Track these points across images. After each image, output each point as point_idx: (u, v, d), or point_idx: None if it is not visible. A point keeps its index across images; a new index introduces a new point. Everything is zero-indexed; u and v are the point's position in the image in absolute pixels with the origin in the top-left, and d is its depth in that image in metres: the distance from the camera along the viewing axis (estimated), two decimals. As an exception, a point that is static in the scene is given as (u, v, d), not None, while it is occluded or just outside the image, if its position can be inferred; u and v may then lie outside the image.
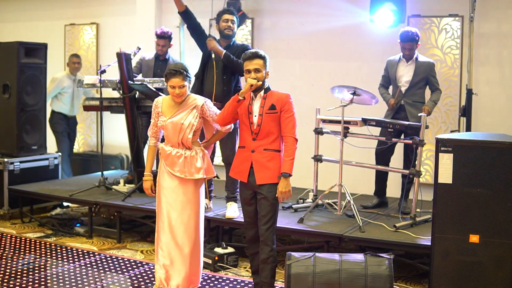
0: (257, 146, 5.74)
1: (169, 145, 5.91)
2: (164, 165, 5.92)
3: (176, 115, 5.86)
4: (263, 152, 5.72)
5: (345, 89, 7.40)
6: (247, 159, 5.78)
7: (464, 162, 5.65)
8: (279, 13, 10.07)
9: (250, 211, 5.89)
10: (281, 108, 5.68)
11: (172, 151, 5.87)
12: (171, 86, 5.79)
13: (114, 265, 7.27)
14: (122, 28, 11.46)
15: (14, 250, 7.78)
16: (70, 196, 8.63)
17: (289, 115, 5.68)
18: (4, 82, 9.55)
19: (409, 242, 6.55)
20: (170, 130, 5.85)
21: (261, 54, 5.71)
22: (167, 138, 5.92)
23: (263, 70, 5.70)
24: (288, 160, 5.64)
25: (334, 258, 5.88)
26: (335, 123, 7.65)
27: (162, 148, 5.93)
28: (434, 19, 8.98)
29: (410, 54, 7.78)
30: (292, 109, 5.72)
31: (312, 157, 8.01)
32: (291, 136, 5.68)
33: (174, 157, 5.86)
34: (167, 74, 5.80)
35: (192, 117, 5.87)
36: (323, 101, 8.44)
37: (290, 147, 5.66)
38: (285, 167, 5.64)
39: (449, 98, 8.89)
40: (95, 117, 11.79)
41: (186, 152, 5.88)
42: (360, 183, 8.84)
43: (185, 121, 5.83)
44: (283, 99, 5.71)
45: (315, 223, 7.23)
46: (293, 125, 5.70)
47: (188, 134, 5.84)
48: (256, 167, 5.73)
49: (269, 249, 5.72)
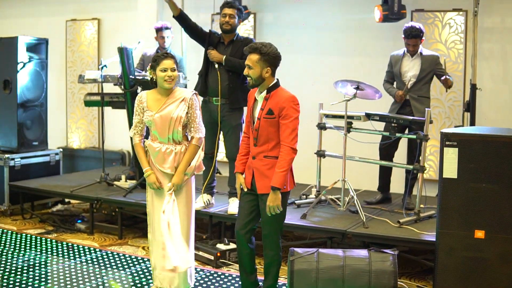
0: (257, 152, 5.45)
1: (157, 141, 5.70)
2: (153, 163, 5.73)
3: (164, 109, 5.64)
4: (263, 159, 5.42)
5: (349, 84, 7.32)
6: (250, 165, 5.56)
7: (469, 157, 5.60)
8: (282, 7, 9.99)
9: (245, 208, 5.63)
10: (279, 113, 5.28)
11: (161, 147, 5.67)
12: (163, 69, 5.56)
13: (116, 261, 7.21)
14: (124, 24, 11.38)
15: (14, 247, 7.73)
16: (71, 192, 8.60)
17: (286, 121, 5.26)
18: (4, 77, 9.51)
19: (413, 238, 6.48)
20: (158, 124, 5.62)
21: (255, 48, 5.34)
22: (153, 134, 5.70)
23: (256, 67, 5.33)
24: (279, 172, 5.25)
25: (338, 254, 5.81)
26: (338, 118, 7.58)
27: (150, 145, 5.71)
28: (437, 13, 8.90)
29: (414, 50, 7.70)
30: (292, 114, 5.27)
31: (315, 153, 7.93)
32: (286, 145, 5.26)
33: (164, 153, 5.66)
34: (157, 58, 5.61)
35: (181, 110, 5.65)
36: (326, 96, 8.35)
37: (283, 157, 5.26)
38: (274, 180, 5.26)
39: (453, 93, 8.81)
40: (97, 112, 11.73)
41: (176, 148, 5.68)
42: (364, 178, 8.76)
43: (174, 114, 5.61)
44: (282, 102, 5.28)
45: (318, 219, 7.17)
46: (290, 132, 5.26)
47: (178, 127, 5.63)
48: (256, 175, 5.46)
49: (272, 254, 5.56)
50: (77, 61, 12.00)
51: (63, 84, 12.18)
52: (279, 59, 5.44)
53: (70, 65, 12.10)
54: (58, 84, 12.07)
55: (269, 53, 5.34)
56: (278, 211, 5.33)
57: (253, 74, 5.36)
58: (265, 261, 5.63)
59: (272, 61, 5.37)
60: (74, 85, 12.04)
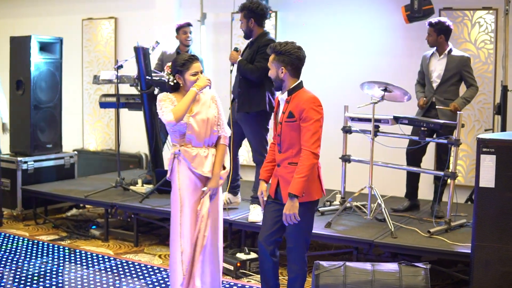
0: (282, 159, 5.12)
1: (190, 146, 5.44)
2: (192, 168, 5.43)
3: (197, 111, 5.41)
4: (287, 166, 5.08)
5: (376, 85, 7.02)
6: (275, 173, 5.23)
7: (508, 164, 5.28)
8: (305, 6, 9.76)
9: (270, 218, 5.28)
10: (300, 115, 4.95)
11: (199, 151, 5.42)
12: (194, 73, 5.36)
13: (130, 271, 6.98)
14: (141, 23, 11.24)
15: (26, 254, 7.52)
16: (85, 197, 8.40)
17: (306, 124, 4.92)
18: (17, 78, 9.33)
19: (445, 250, 6.15)
20: (195, 128, 5.37)
21: (270, 47, 5.09)
22: (187, 138, 5.42)
23: (272, 68, 5.08)
24: (297, 177, 4.89)
25: (366, 268, 5.49)
26: (365, 121, 7.26)
27: (186, 151, 5.41)
28: (466, 12, 8.65)
29: (430, 41, 7.43)
30: (312, 116, 4.92)
31: (340, 157, 7.63)
32: (306, 149, 4.90)
33: (202, 157, 5.43)
34: (185, 63, 5.36)
35: (213, 109, 5.46)
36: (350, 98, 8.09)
37: (302, 162, 4.90)
38: (292, 186, 4.90)
39: (483, 95, 8.54)
40: (113, 114, 11.61)
41: (211, 150, 5.48)
42: (389, 184, 8.45)
43: (209, 114, 5.42)
44: (301, 104, 4.95)
45: (343, 228, 6.87)
46: (310, 135, 4.91)
47: (214, 127, 5.43)
48: (281, 183, 5.12)
49: (297, 269, 5.18)
50: (94, 61, 11.89)
51: (79, 85, 12.08)
52: (297, 59, 5.07)
53: (86, 65, 12.00)
54: (74, 85, 11.94)
55: (282, 51, 5.02)
56: (296, 221, 4.96)
57: (271, 75, 5.12)
58: (289, 276, 5.27)
59: (287, 61, 5.03)
60: (90, 86, 11.94)
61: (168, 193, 8.18)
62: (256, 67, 7.01)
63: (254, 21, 7.20)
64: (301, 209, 4.97)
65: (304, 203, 5.00)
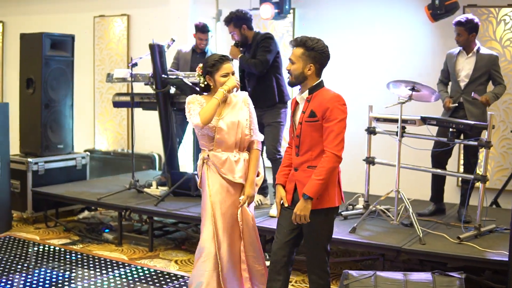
0: (300, 163, 4.79)
1: (220, 150, 5.22)
2: (221, 173, 5.21)
3: (227, 113, 5.20)
4: (306, 170, 4.74)
5: (403, 84, 6.76)
6: (291, 178, 4.89)
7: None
8: (324, 2, 9.54)
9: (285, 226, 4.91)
10: (323, 114, 4.63)
11: (229, 155, 5.20)
12: (224, 75, 5.14)
13: (146, 277, 6.72)
14: (154, 20, 11.10)
15: (36, 260, 7.27)
16: (98, 200, 8.16)
17: (330, 124, 4.60)
18: (28, 76, 9.16)
19: (477, 257, 5.86)
20: (225, 131, 5.15)
21: (300, 41, 4.74)
22: (217, 142, 5.21)
23: (298, 62, 4.72)
24: (315, 179, 4.58)
25: (398, 278, 5.16)
26: (390, 122, 6.99)
27: (215, 156, 5.21)
28: (491, 9, 8.43)
29: (460, 41, 7.15)
30: (337, 116, 4.61)
31: (364, 159, 7.37)
32: (329, 151, 4.57)
33: (233, 162, 5.20)
34: (216, 63, 5.14)
35: (245, 112, 5.23)
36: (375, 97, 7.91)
37: (323, 164, 4.58)
38: (308, 187, 4.60)
39: (509, 95, 8.31)
40: (125, 113, 11.47)
41: (243, 155, 5.26)
42: (413, 186, 8.17)
43: (240, 117, 5.19)
44: (325, 103, 4.64)
45: (369, 233, 6.58)
46: (335, 136, 4.59)
47: (245, 131, 5.20)
48: (299, 188, 4.76)
49: (317, 279, 4.83)
50: (106, 59, 11.73)
51: (91, 84, 11.93)
52: (326, 58, 4.78)
53: (98, 64, 11.84)
54: (85, 83, 11.78)
55: (314, 47, 4.70)
56: (305, 222, 4.65)
57: (294, 70, 4.74)
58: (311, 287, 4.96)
59: (317, 58, 4.72)
60: (102, 85, 11.79)
61: (184, 195, 8.00)
62: (259, 60, 7.21)
63: (246, 27, 7.45)
64: (322, 215, 4.69)
65: (324, 209, 4.70)
